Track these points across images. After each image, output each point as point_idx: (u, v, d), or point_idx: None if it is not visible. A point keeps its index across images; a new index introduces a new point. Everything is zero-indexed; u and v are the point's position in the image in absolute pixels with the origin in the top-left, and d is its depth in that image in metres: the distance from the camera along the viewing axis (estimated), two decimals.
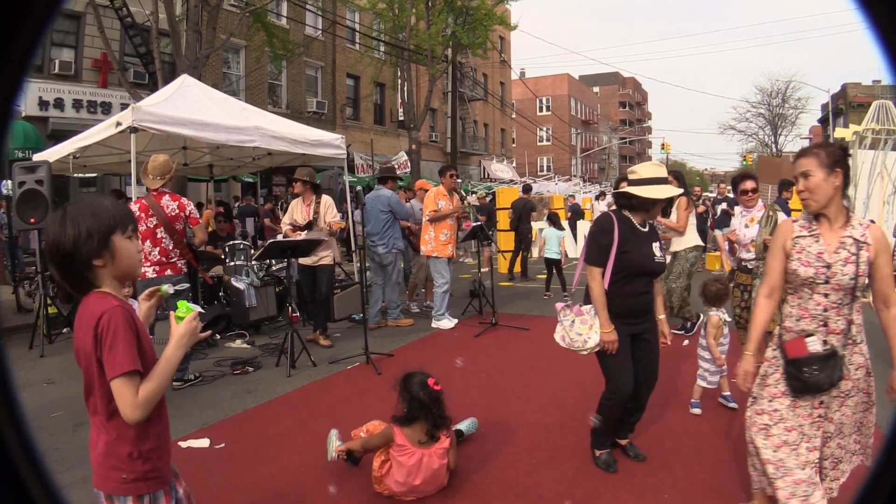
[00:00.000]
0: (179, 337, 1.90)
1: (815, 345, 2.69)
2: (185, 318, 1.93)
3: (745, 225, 5.63)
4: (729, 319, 4.94)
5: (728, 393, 4.95)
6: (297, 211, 7.38)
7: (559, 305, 3.87)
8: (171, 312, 1.97)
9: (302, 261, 7.25)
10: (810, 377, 2.67)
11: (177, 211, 5.83)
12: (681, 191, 5.24)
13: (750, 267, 5.55)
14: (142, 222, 5.66)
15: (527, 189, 14.35)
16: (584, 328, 3.72)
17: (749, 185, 5.70)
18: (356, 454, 3.79)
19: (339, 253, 8.35)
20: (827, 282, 2.68)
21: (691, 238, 7.27)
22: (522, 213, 13.11)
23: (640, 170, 3.77)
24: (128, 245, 1.86)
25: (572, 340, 3.75)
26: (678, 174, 7.17)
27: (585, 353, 3.74)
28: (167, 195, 5.86)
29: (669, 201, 6.91)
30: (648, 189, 3.63)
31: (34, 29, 1.16)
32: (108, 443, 1.83)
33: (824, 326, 2.73)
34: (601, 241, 3.68)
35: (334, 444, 3.85)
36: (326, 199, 7.48)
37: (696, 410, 4.80)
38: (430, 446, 3.49)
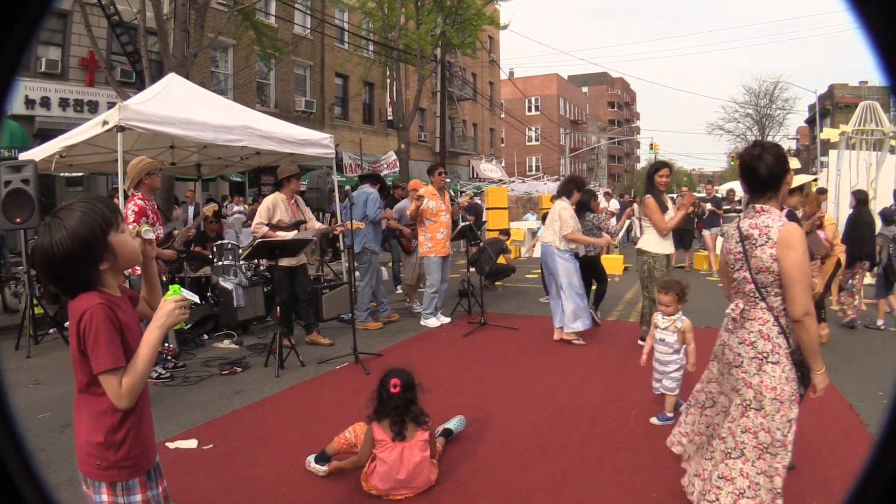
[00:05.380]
0: (156, 318, 1.91)
1: None
2: (168, 299, 1.93)
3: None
4: (679, 326, 4.64)
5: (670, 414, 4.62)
6: (282, 210, 7.07)
7: None
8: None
9: (284, 262, 6.87)
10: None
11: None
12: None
13: None
14: None
15: None
16: None
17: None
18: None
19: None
20: None
21: (650, 242, 6.56)
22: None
23: None
24: (123, 239, 1.90)
25: None
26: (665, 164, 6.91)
27: None
28: (133, 199, 6.05)
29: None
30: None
31: (26, 29, 1.15)
32: (86, 429, 1.91)
33: None
34: None
35: (316, 466, 3.82)
36: (300, 199, 7.48)
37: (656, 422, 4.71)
38: (407, 440, 3.51)
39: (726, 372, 2.88)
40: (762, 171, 2.69)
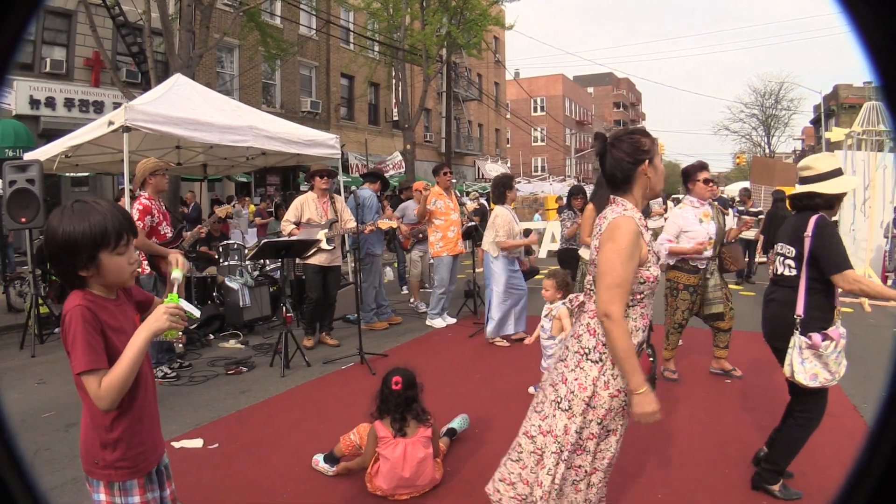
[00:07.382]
0: (146, 321, 1.88)
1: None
2: (165, 304, 1.91)
3: (700, 220, 5.42)
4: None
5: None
6: (312, 209, 7.09)
7: (818, 339, 3.17)
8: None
9: (317, 261, 7.00)
10: None
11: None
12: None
13: (701, 267, 5.51)
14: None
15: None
16: (842, 355, 3.22)
17: (708, 174, 5.59)
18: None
19: None
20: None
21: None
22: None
23: (816, 164, 3.42)
24: (115, 261, 1.86)
25: (833, 374, 3.20)
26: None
27: (835, 382, 3.22)
28: (140, 199, 6.01)
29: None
30: (833, 184, 3.36)
31: (15, 26, 1.14)
32: (85, 427, 1.92)
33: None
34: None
35: (325, 466, 3.84)
36: (339, 198, 7.48)
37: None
38: (409, 436, 3.52)
39: (554, 367, 2.61)
40: (608, 165, 2.48)
